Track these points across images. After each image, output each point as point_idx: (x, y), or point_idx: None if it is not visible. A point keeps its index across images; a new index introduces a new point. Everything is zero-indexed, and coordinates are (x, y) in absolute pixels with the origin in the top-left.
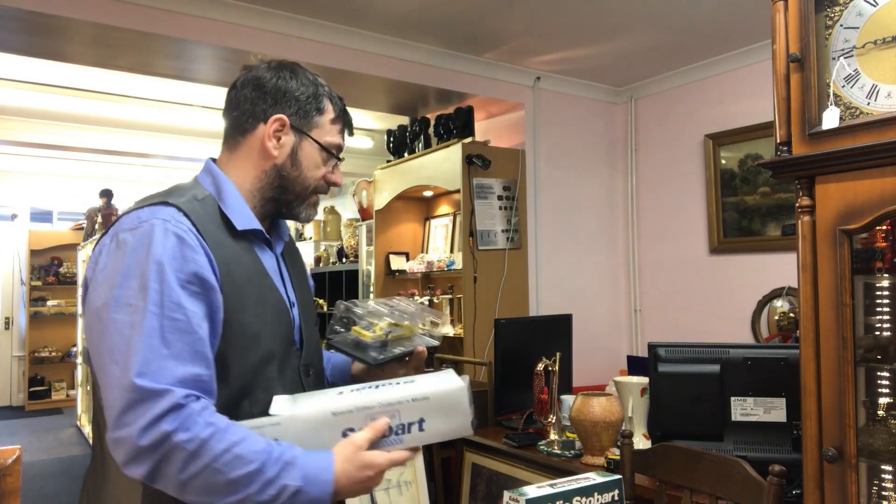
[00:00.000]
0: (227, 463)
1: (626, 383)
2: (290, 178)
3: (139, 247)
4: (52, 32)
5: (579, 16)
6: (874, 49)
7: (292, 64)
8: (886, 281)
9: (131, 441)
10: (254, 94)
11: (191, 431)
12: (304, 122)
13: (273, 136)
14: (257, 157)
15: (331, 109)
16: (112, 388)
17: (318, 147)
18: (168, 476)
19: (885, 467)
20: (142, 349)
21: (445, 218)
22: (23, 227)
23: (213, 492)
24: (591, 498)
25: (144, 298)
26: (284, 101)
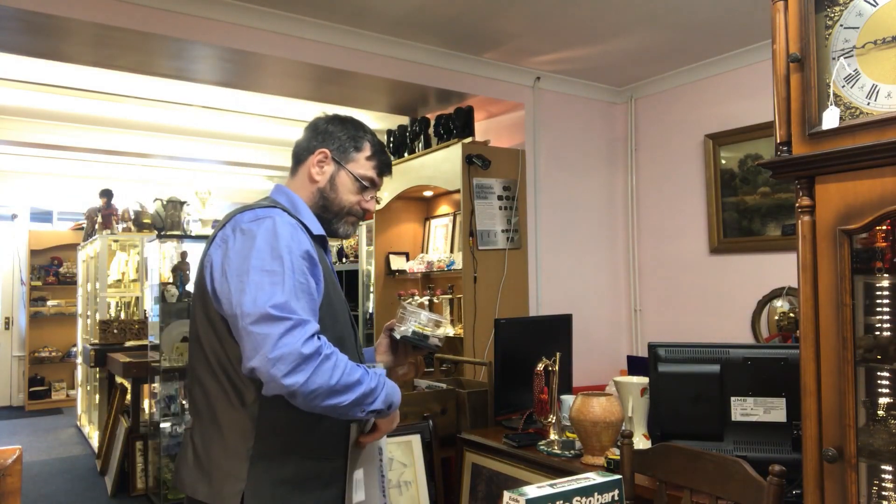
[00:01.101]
0: (351, 367)
1: (626, 383)
2: (329, 199)
3: (266, 232)
4: (52, 32)
5: (579, 16)
6: (874, 49)
7: (346, 116)
8: (886, 281)
9: (295, 352)
10: (309, 133)
11: (331, 348)
12: (343, 156)
13: (317, 164)
14: (307, 181)
15: (368, 149)
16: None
17: (352, 177)
18: (319, 381)
19: (885, 467)
20: (288, 297)
21: (445, 218)
22: (23, 227)
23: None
24: (591, 498)
25: (281, 265)
26: (329, 139)
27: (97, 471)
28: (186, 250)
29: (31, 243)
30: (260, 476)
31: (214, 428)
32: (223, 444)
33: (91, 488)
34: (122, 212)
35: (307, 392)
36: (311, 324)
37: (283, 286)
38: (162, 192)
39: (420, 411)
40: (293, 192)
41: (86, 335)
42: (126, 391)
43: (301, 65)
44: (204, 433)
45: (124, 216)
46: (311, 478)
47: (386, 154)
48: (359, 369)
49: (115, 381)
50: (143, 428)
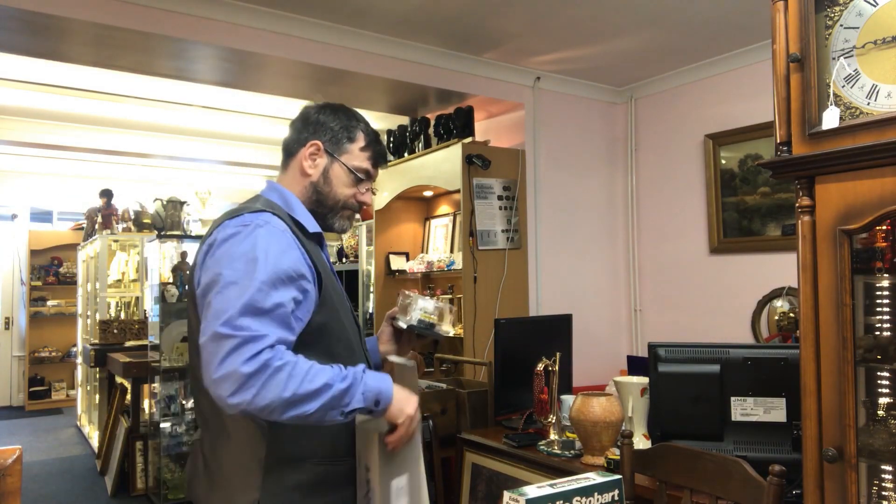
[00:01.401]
0: (314, 374)
1: (626, 383)
2: (323, 193)
3: (247, 242)
4: (52, 32)
5: (579, 16)
6: (874, 49)
7: (338, 104)
8: (886, 281)
9: (236, 372)
10: (299, 125)
11: (283, 359)
12: (336, 148)
13: (309, 158)
14: (299, 175)
15: (362, 139)
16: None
17: (346, 169)
18: (271, 396)
19: (885, 467)
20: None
21: (445, 218)
22: (23, 227)
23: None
24: (591, 498)
25: (251, 278)
26: (321, 130)
27: (97, 471)
28: (186, 250)
29: (31, 243)
30: (274, 485)
31: (224, 438)
32: (234, 455)
33: (91, 488)
34: (122, 212)
35: (259, 408)
36: (266, 338)
37: (238, 301)
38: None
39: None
40: (285, 188)
41: (86, 335)
42: (126, 391)
43: (301, 65)
44: (214, 444)
45: (124, 216)
46: (323, 481)
47: (381, 144)
48: (326, 373)
49: (115, 381)
50: (143, 428)
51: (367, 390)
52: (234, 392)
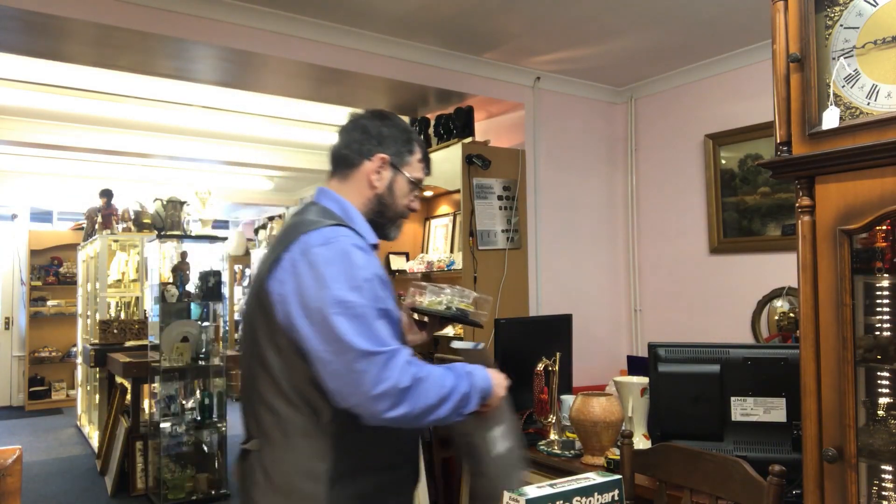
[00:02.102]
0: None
1: (626, 383)
2: (386, 204)
3: (339, 259)
4: (52, 32)
5: (579, 16)
6: (874, 49)
7: (387, 112)
8: (886, 281)
9: (395, 387)
10: (359, 135)
11: (424, 368)
12: (399, 161)
13: (377, 171)
14: (364, 187)
15: (418, 151)
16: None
17: (407, 180)
18: (422, 404)
19: (885, 467)
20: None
21: (445, 218)
22: (23, 227)
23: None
24: (591, 498)
25: (361, 296)
26: (385, 143)
27: (97, 471)
28: (186, 250)
29: (31, 243)
30: (338, 495)
31: (289, 450)
32: (300, 467)
33: (91, 488)
34: (122, 212)
35: (412, 418)
36: (402, 351)
37: (367, 319)
38: (162, 192)
39: None
40: (344, 198)
41: (86, 335)
42: (126, 391)
43: (301, 65)
44: (276, 456)
45: (124, 216)
46: (383, 489)
47: (427, 151)
48: (450, 377)
49: (115, 381)
50: (143, 428)
51: (483, 392)
52: (391, 407)
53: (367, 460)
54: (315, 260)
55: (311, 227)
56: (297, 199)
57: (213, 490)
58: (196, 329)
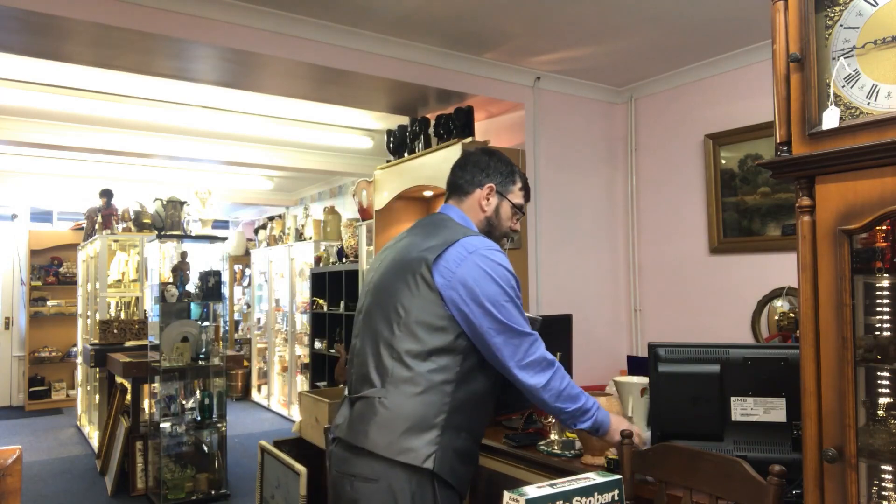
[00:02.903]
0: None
1: (626, 383)
2: (493, 225)
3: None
4: (52, 32)
5: (579, 16)
6: (874, 49)
7: (494, 149)
8: (886, 281)
9: (542, 357)
10: (472, 168)
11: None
12: (504, 189)
13: (486, 197)
14: (478, 210)
15: (519, 181)
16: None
17: (511, 206)
18: (556, 385)
19: (885, 467)
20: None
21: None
22: (23, 227)
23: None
24: (591, 498)
25: (516, 293)
26: (493, 174)
27: (97, 471)
28: (186, 250)
29: (31, 243)
30: (445, 445)
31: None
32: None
33: (91, 488)
34: (122, 212)
35: (545, 391)
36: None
37: (519, 310)
38: (162, 192)
39: None
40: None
41: (86, 335)
42: (126, 391)
43: (301, 65)
44: (403, 403)
45: (124, 216)
46: (471, 453)
47: (527, 181)
48: (577, 388)
49: (115, 381)
50: (143, 428)
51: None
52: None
53: (468, 423)
54: (487, 261)
55: (471, 233)
56: (296, 199)
57: (213, 490)
58: (196, 329)
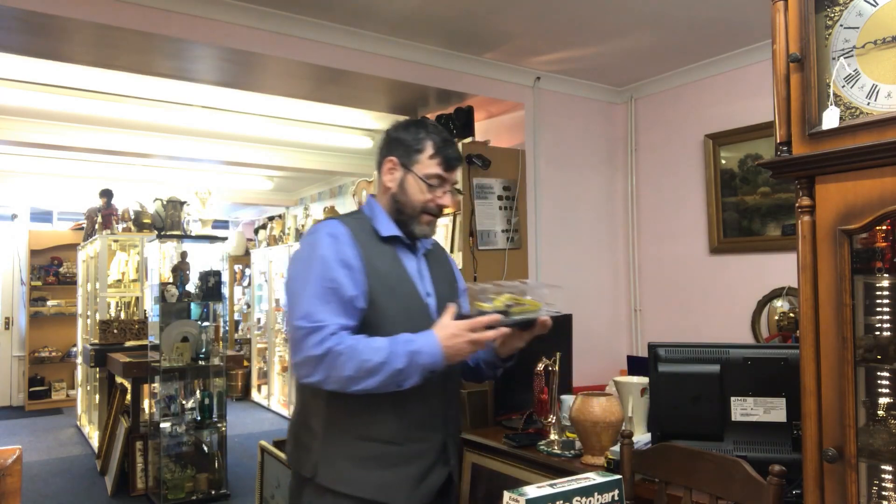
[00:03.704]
0: (371, 353)
1: (626, 383)
2: (401, 202)
3: (308, 244)
4: (52, 32)
5: (579, 16)
6: (874, 49)
7: (414, 120)
8: (886, 281)
9: (309, 356)
10: (380, 144)
11: (344, 343)
12: (408, 160)
13: (388, 172)
14: (384, 189)
15: (429, 148)
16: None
17: (418, 178)
18: (337, 375)
19: (885, 467)
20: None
21: (445, 218)
22: (23, 227)
23: (369, 375)
24: (591, 498)
25: (309, 273)
26: (394, 146)
27: (97, 471)
28: (186, 250)
29: (31, 243)
30: (328, 452)
31: (300, 409)
32: (304, 423)
33: (91, 488)
34: (122, 212)
35: (329, 385)
36: (329, 326)
37: (307, 294)
38: (162, 192)
39: None
40: (376, 200)
41: (86, 335)
42: (126, 391)
43: (301, 65)
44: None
45: (124, 216)
46: (373, 458)
47: (449, 147)
48: (382, 352)
49: (115, 381)
50: (143, 428)
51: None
52: (307, 374)
53: (358, 427)
54: (299, 248)
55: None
56: (296, 199)
57: (213, 490)
58: (196, 329)
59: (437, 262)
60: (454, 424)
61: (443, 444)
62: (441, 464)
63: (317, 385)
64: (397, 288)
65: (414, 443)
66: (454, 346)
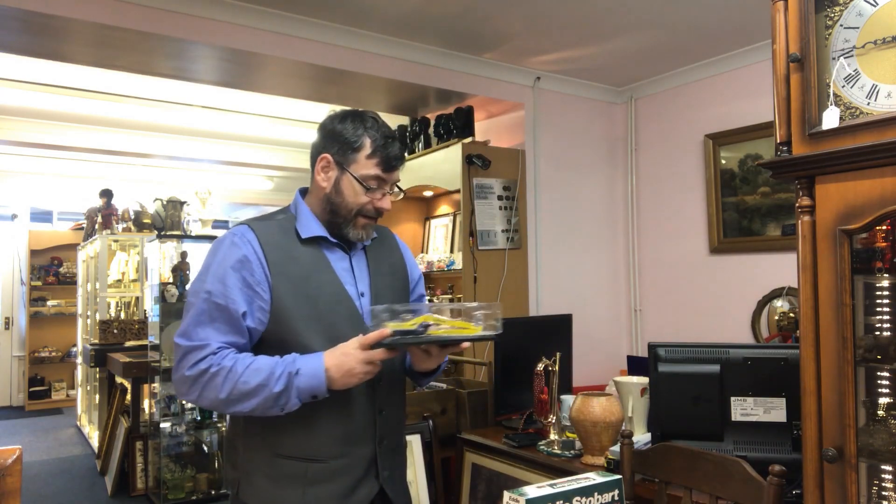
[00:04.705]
0: (249, 375)
1: (626, 383)
2: (335, 203)
3: (208, 255)
4: (52, 32)
5: (579, 16)
6: (874, 49)
7: (352, 111)
8: (886, 281)
9: (182, 377)
10: (317, 136)
11: (220, 364)
12: (344, 159)
13: (322, 171)
14: (317, 188)
15: (367, 146)
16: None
17: (354, 180)
18: (211, 396)
19: (885, 467)
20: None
21: (445, 218)
22: (23, 227)
23: (245, 398)
24: (591, 498)
25: (201, 288)
26: (330, 142)
27: (97, 471)
28: (186, 250)
29: (31, 243)
30: (249, 470)
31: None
32: (228, 439)
33: (91, 488)
34: (122, 212)
35: (205, 406)
36: (210, 345)
37: (193, 311)
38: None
39: (420, 411)
40: (303, 198)
41: (86, 335)
42: (126, 391)
43: (301, 65)
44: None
45: (124, 216)
46: (290, 475)
47: (390, 146)
48: (262, 374)
49: (115, 381)
50: (143, 428)
51: (301, 393)
52: (183, 393)
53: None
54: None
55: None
56: None
57: (212, 490)
58: None
59: (381, 254)
60: (391, 435)
61: (372, 457)
62: (371, 478)
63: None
64: (316, 293)
65: (336, 458)
66: (342, 365)
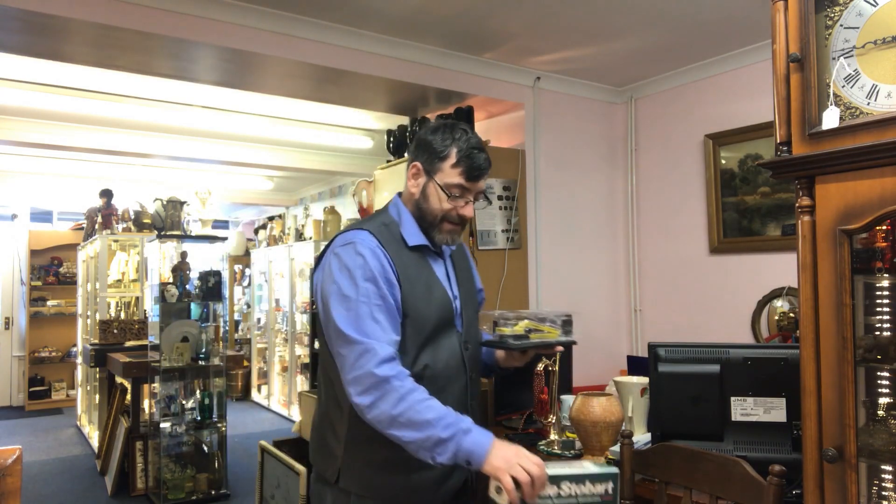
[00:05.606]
0: (423, 407)
1: (626, 383)
2: (423, 209)
3: (346, 258)
4: (52, 32)
5: (579, 16)
6: (874, 49)
7: (448, 122)
8: (886, 281)
9: (368, 373)
10: (411, 145)
11: (402, 382)
12: (431, 167)
13: (412, 178)
14: (408, 193)
15: (453, 156)
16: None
17: (438, 187)
18: (384, 408)
19: (885, 467)
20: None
21: None
22: (23, 227)
23: (410, 426)
24: (583, 486)
25: (356, 291)
26: (420, 151)
27: (97, 471)
28: (186, 250)
29: (31, 243)
30: (351, 459)
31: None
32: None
33: (91, 488)
34: (122, 212)
35: (371, 415)
36: (385, 348)
37: (358, 311)
38: (162, 192)
39: None
40: (403, 203)
41: (86, 335)
42: (126, 391)
43: (301, 65)
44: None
45: (124, 216)
46: (394, 462)
47: (475, 157)
48: (433, 413)
49: (115, 381)
50: (143, 428)
51: (460, 451)
52: (360, 392)
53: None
54: (334, 258)
55: (345, 230)
56: (296, 199)
57: (213, 490)
58: (196, 329)
59: (461, 262)
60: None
61: None
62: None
63: (359, 408)
64: (430, 296)
65: None
66: (504, 457)
